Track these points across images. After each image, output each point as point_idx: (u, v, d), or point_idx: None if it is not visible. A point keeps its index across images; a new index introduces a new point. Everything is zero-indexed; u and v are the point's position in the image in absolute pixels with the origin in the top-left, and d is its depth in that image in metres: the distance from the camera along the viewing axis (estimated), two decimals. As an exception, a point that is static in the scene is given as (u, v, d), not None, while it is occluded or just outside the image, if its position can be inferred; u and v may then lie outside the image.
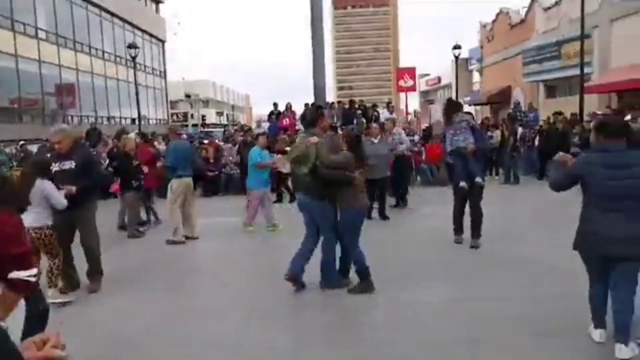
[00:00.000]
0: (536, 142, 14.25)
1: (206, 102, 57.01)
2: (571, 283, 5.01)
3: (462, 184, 6.59)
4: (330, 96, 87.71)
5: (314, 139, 5.08)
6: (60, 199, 4.74)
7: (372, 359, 3.70)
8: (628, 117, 10.19)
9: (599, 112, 13.62)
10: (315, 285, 5.28)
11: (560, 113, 14.74)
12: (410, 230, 8.08)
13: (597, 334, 3.69)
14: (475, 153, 6.62)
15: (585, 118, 14.39)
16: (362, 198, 5.18)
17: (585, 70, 17.67)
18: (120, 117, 32.21)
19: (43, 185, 4.65)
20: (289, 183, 10.92)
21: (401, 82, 25.11)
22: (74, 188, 5.04)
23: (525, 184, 13.18)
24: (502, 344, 3.82)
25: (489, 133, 14.36)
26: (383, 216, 8.86)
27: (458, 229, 6.94)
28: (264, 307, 4.81)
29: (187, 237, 7.79)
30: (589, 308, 3.77)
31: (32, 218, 4.52)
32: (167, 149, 8.46)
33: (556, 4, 22.24)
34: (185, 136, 18.43)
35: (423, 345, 3.83)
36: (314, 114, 5.58)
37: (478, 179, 6.53)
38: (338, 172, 5.01)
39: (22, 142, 15.13)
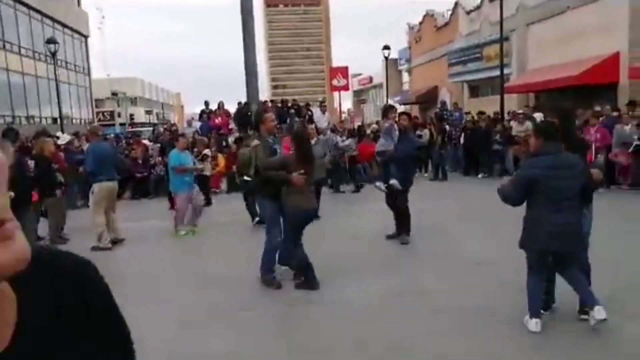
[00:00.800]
0: (461, 140, 14.92)
1: (134, 100, 54.92)
2: (491, 275, 5.31)
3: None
4: (265, 95, 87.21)
5: (255, 143, 5.41)
6: None
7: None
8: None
9: (520, 112, 14.47)
10: (248, 288, 5.28)
11: (483, 112, 15.51)
12: (344, 227, 8.20)
13: (533, 324, 3.85)
14: (393, 157, 6.90)
15: (506, 117, 15.22)
16: (305, 199, 5.19)
17: (505, 71, 18.68)
18: (41, 117, 30.36)
19: None
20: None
21: (334, 82, 25.41)
22: None
23: (452, 180, 13.76)
24: (430, 337, 3.97)
25: (417, 132, 14.86)
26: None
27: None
28: (195, 314, 4.72)
29: (113, 242, 7.51)
30: (527, 299, 3.95)
31: None
32: (87, 151, 8.05)
33: (477, 7, 23.30)
34: (112, 136, 17.75)
35: (359, 342, 3.91)
36: (258, 116, 5.74)
37: (392, 182, 6.83)
38: (276, 174, 5.15)
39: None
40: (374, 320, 4.33)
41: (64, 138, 11.98)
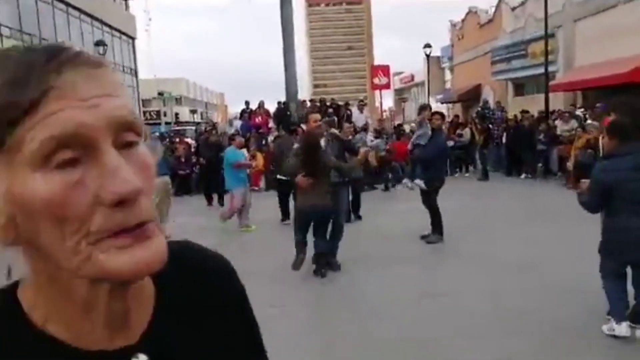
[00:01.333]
0: (504, 140, 14.58)
1: (179, 100, 56.35)
2: (532, 277, 5.21)
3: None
4: (306, 93, 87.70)
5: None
6: None
7: (332, 357, 3.77)
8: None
9: (566, 111, 14.04)
10: (279, 285, 5.39)
11: (526, 111, 15.10)
12: (376, 226, 8.19)
13: (623, 328, 3.59)
14: (421, 156, 7.03)
15: (553, 116, 14.78)
16: (305, 199, 5.59)
17: (551, 68, 18.11)
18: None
19: None
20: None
21: (376, 80, 25.28)
22: None
23: (493, 180, 13.50)
24: (465, 339, 3.94)
25: (458, 131, 14.66)
26: (357, 215, 8.92)
27: None
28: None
29: None
30: (609, 305, 3.74)
31: None
32: None
33: (522, 3, 22.69)
34: (157, 134, 18.32)
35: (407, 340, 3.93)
36: (304, 115, 6.27)
37: (416, 181, 6.94)
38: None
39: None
40: (406, 320, 4.33)
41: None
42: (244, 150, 9.01)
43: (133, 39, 41.83)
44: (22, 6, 25.98)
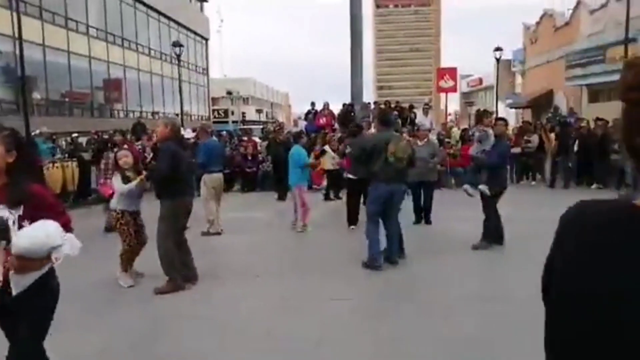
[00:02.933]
0: (575, 148, 13.96)
1: (246, 100, 57.96)
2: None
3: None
4: (370, 96, 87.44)
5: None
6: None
7: (389, 353, 3.92)
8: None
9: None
10: (342, 277, 5.60)
11: (601, 119, 14.43)
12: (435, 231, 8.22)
13: None
14: (485, 162, 7.05)
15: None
16: None
17: (631, 75, 17.21)
18: (164, 113, 33.27)
19: None
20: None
21: (441, 83, 24.98)
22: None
23: (561, 190, 13.06)
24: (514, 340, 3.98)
25: (525, 137, 14.28)
26: (427, 220, 8.74)
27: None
28: (293, 298, 5.11)
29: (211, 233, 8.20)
30: None
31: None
32: (199, 147, 8.86)
33: (602, 6, 21.67)
34: (225, 133, 19.06)
35: (438, 341, 4.04)
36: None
37: (480, 187, 6.92)
38: None
39: (74, 135, 15.94)
40: (455, 319, 4.45)
41: (188, 132, 13.09)
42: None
43: (206, 39, 43.53)
44: (108, 8, 27.75)
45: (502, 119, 8.01)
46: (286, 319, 4.56)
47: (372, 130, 10.21)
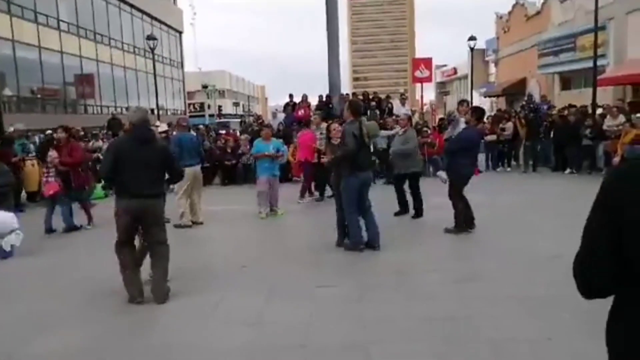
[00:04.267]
0: (551, 135, 14.32)
1: (223, 93, 57.54)
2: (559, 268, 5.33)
3: (438, 173, 7.83)
4: (346, 87, 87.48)
5: None
6: None
7: (377, 335, 4.05)
8: None
9: (613, 106, 13.72)
10: (330, 264, 5.72)
11: (573, 106, 14.84)
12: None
13: None
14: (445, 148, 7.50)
15: (599, 111, 14.47)
16: None
17: (600, 62, 17.66)
18: (136, 107, 32.84)
19: None
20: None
21: (417, 73, 25.11)
22: None
23: (537, 175, 13.41)
24: (497, 321, 4.15)
25: (500, 125, 14.57)
26: (418, 213, 8.35)
27: None
28: (280, 286, 5.20)
29: (193, 222, 8.29)
30: None
31: None
32: (173, 140, 8.82)
33: (572, -5, 22.13)
34: (202, 127, 18.95)
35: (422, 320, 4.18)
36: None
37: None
38: None
39: (48, 132, 15.64)
40: (436, 300, 4.62)
41: (163, 126, 13.01)
42: (279, 140, 9.45)
43: (180, 32, 42.99)
44: (79, 2, 27.18)
45: (464, 100, 8.28)
46: (274, 307, 4.64)
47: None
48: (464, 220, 7.04)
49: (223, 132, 16.71)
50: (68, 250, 7.23)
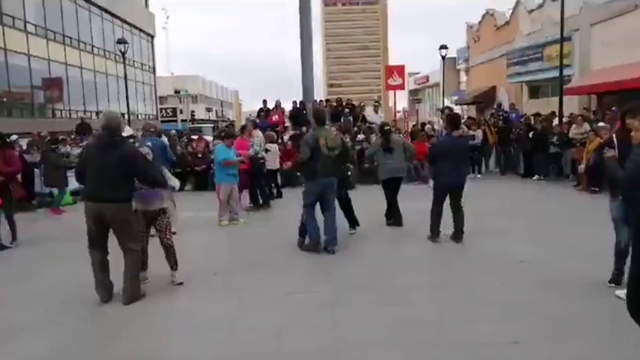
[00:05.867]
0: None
1: (195, 98, 56.99)
2: (534, 273, 5.45)
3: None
4: (321, 93, 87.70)
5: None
6: None
7: (350, 340, 4.05)
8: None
9: (579, 114, 14.17)
10: (302, 269, 5.71)
11: (540, 114, 15.23)
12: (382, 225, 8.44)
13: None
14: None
15: (565, 119, 14.88)
16: None
17: (567, 72, 18.17)
18: (105, 110, 32.21)
19: None
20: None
21: (390, 80, 25.37)
22: None
23: (507, 181, 13.70)
24: (468, 324, 4.20)
25: (470, 132, 14.83)
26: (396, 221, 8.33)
27: None
28: (251, 293, 5.15)
29: None
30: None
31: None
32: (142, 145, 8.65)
33: (539, 6, 22.72)
34: (174, 132, 18.71)
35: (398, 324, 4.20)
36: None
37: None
38: None
39: (13, 137, 15.19)
40: (410, 305, 4.65)
41: (127, 131, 12.77)
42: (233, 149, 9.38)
43: (152, 36, 42.44)
44: (47, 3, 26.58)
45: (448, 115, 8.41)
46: (246, 315, 4.60)
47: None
48: (431, 229, 7.11)
49: (195, 137, 16.49)
50: (32, 260, 7.03)
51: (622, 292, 4.25)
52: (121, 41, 22.96)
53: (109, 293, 5.00)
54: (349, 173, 8.99)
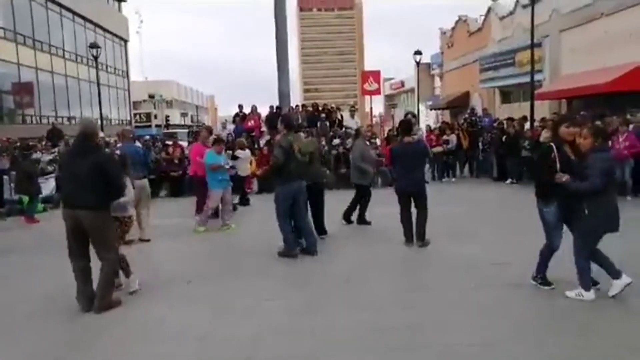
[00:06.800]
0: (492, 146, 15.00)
1: (170, 103, 56.39)
2: (504, 275, 5.54)
3: None
4: (297, 98, 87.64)
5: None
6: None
7: (325, 346, 4.05)
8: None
9: (549, 119, 14.48)
10: (277, 276, 5.68)
11: (512, 119, 15.53)
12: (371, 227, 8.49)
13: (591, 295, 4.61)
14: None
15: (536, 123, 15.21)
16: None
17: (538, 77, 18.58)
18: (82, 118, 31.65)
19: None
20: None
21: (366, 86, 25.54)
22: None
23: (479, 185, 13.90)
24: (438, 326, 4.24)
25: (445, 137, 15.03)
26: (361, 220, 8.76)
27: None
28: (227, 301, 5.11)
29: (140, 239, 7.93)
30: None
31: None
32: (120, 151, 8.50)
33: (510, 13, 23.21)
34: (149, 138, 18.50)
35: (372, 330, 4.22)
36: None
37: None
38: None
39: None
40: (380, 311, 4.67)
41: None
42: (223, 154, 9.22)
43: (125, 41, 41.88)
44: (16, 7, 26.01)
45: (400, 122, 8.78)
46: (221, 323, 4.56)
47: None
48: (404, 234, 7.15)
49: (170, 142, 16.33)
50: (5, 268, 6.85)
51: (572, 293, 4.71)
52: (93, 45, 22.59)
53: (91, 302, 4.88)
54: (325, 180, 8.98)
